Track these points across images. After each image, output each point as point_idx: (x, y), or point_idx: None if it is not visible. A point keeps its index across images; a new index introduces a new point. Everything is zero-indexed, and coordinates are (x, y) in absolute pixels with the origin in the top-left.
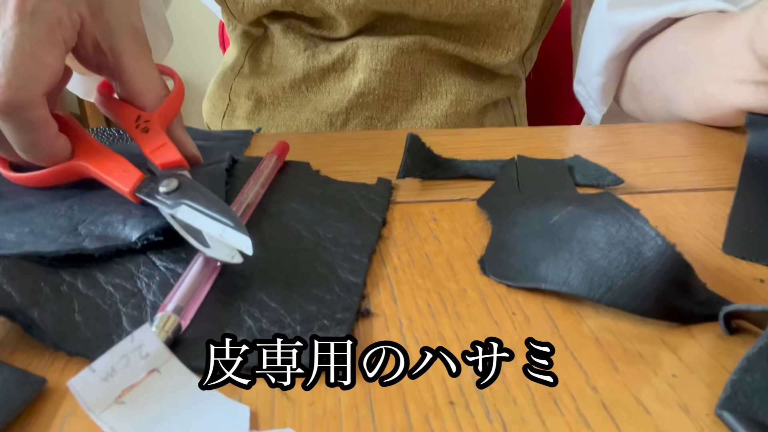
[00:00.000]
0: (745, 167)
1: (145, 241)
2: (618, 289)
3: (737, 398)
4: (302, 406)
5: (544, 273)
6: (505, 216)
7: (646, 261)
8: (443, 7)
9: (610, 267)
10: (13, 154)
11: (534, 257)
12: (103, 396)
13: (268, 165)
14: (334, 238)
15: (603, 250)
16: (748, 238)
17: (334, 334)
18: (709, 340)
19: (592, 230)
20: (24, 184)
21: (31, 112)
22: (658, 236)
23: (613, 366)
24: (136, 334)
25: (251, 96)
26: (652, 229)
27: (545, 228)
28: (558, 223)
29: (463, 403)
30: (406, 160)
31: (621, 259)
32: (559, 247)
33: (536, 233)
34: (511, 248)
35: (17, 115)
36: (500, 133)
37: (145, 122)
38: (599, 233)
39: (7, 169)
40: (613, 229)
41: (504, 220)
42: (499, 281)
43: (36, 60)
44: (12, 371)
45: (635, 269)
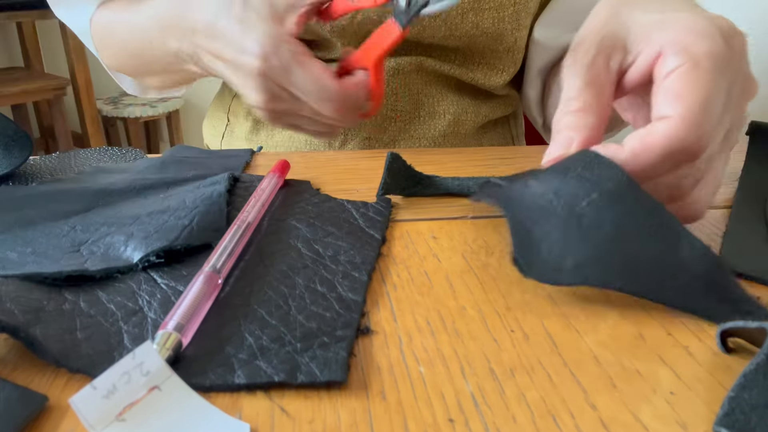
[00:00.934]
0: (741, 185)
1: (146, 262)
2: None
3: (735, 415)
4: (302, 423)
5: (586, 271)
6: (512, 199)
7: (688, 261)
8: (437, 29)
9: (654, 267)
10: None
11: (569, 250)
12: (105, 413)
13: (269, 183)
14: (334, 255)
15: (644, 249)
16: (744, 257)
17: (334, 352)
18: (706, 358)
19: (627, 229)
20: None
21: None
22: (696, 240)
23: (612, 383)
24: (138, 351)
25: (249, 116)
26: (684, 228)
27: (569, 215)
28: (584, 214)
29: (463, 421)
30: (386, 178)
31: (664, 259)
32: (596, 243)
33: (560, 219)
34: (538, 239)
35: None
36: (499, 152)
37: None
38: (636, 233)
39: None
40: (651, 230)
41: (512, 203)
42: (544, 281)
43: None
44: (14, 388)
45: (679, 270)
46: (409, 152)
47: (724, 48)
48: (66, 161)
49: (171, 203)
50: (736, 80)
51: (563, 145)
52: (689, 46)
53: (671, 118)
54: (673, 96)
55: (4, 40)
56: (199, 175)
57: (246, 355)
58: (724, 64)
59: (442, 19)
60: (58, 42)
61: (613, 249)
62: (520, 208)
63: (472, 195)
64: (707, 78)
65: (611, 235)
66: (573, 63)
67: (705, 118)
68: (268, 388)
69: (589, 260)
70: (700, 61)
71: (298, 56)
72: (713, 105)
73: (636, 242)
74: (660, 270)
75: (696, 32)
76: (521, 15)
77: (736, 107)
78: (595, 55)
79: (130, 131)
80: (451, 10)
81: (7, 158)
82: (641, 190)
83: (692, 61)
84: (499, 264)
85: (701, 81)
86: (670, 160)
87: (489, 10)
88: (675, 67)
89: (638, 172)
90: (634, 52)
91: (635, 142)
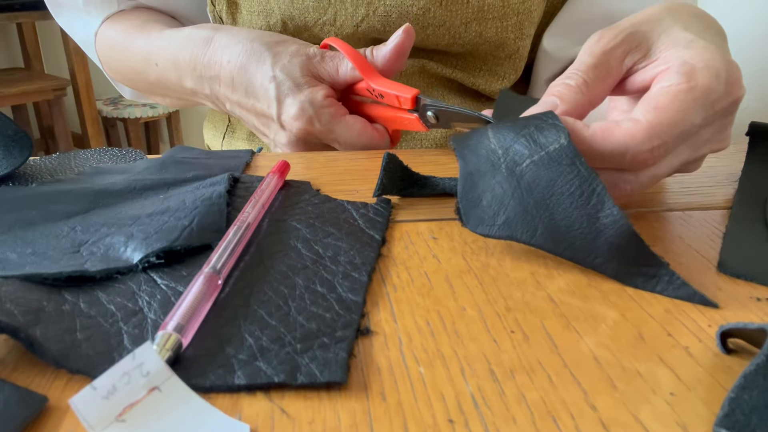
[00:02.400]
0: (741, 186)
1: (147, 263)
2: (576, 247)
3: (735, 416)
4: (302, 424)
5: (515, 227)
6: (469, 147)
7: (602, 227)
8: (441, 36)
9: (572, 228)
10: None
11: (504, 207)
12: (104, 414)
13: (269, 184)
14: (333, 256)
15: (566, 210)
16: (745, 258)
17: (334, 353)
18: (706, 359)
19: (556, 190)
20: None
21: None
22: (614, 207)
23: (612, 384)
24: (137, 352)
25: None
26: (610, 199)
27: (510, 173)
28: (523, 174)
29: (463, 422)
30: (383, 179)
31: (582, 222)
32: (528, 201)
33: (502, 176)
34: (480, 191)
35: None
36: None
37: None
38: (563, 196)
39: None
40: (576, 193)
41: (468, 152)
42: (477, 232)
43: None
44: (13, 389)
45: (592, 232)
46: (409, 153)
47: (722, 90)
48: (66, 162)
49: (171, 204)
50: (713, 123)
51: (543, 109)
52: (694, 72)
53: (640, 122)
54: (654, 105)
55: (4, 41)
56: (198, 176)
57: (246, 356)
58: (712, 103)
59: (445, 28)
60: (58, 43)
61: (542, 209)
62: (473, 158)
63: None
64: (692, 105)
65: (543, 195)
66: (595, 42)
67: (668, 136)
68: (268, 389)
69: (518, 217)
70: (695, 88)
71: (338, 117)
72: (681, 129)
73: (564, 205)
74: (581, 233)
75: (709, 64)
76: (524, 24)
77: (698, 146)
78: (617, 44)
79: (130, 132)
80: (455, 19)
81: (7, 158)
82: (580, 156)
83: (688, 86)
84: (499, 265)
85: (685, 104)
86: (618, 157)
87: (492, 20)
88: (672, 83)
89: (586, 154)
90: (653, 58)
91: (598, 128)
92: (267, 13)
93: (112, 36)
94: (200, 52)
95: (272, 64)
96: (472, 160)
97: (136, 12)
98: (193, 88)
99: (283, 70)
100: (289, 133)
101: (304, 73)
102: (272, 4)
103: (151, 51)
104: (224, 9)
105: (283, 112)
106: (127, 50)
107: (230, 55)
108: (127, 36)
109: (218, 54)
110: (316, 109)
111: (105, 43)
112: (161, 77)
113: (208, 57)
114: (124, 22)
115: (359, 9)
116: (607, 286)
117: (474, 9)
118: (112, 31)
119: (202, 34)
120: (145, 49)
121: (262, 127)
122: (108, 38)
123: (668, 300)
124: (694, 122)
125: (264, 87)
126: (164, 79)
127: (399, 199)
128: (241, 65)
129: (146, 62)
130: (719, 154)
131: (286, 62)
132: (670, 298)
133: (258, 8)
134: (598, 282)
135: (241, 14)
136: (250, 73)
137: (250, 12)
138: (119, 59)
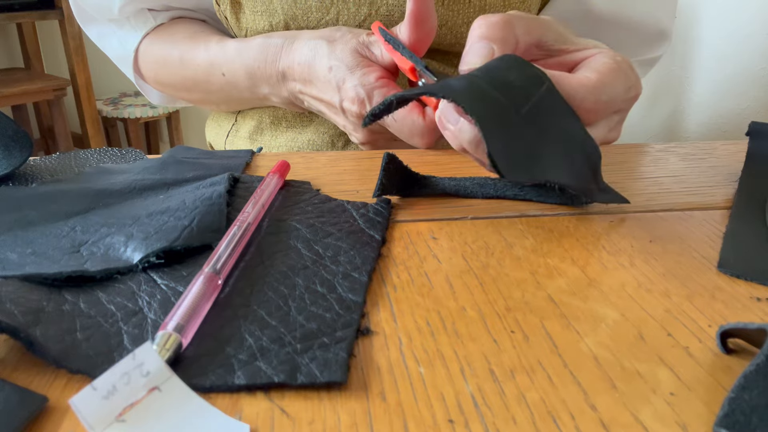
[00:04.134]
0: (741, 186)
1: (147, 263)
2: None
3: (735, 416)
4: (302, 424)
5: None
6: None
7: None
8: (443, 36)
9: (575, 162)
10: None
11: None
12: (104, 414)
13: (269, 184)
14: (333, 256)
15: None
16: (744, 257)
17: (334, 353)
18: (706, 359)
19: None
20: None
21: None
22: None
23: (612, 384)
24: (138, 352)
25: (254, 116)
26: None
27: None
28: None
29: (463, 422)
30: (382, 179)
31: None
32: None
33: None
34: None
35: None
36: None
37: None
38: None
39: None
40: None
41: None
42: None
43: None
44: (13, 389)
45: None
46: (409, 152)
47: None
48: (66, 162)
49: (171, 204)
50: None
51: (484, 56)
52: (618, 59)
53: (589, 77)
54: (596, 70)
55: (4, 41)
56: (198, 176)
57: (246, 356)
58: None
59: (448, 28)
60: (58, 43)
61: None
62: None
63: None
64: (621, 79)
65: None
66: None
67: (608, 96)
68: (268, 389)
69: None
70: (621, 70)
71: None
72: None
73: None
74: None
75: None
76: None
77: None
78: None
79: (130, 132)
80: (457, 18)
81: (7, 158)
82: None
83: (617, 65)
84: (499, 264)
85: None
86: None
87: None
88: (604, 62)
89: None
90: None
91: (556, 74)
92: (270, 13)
93: (160, 51)
94: (276, 59)
95: (328, 54)
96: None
97: (179, 24)
98: (268, 93)
99: (337, 58)
100: (351, 118)
101: (355, 56)
102: (275, 4)
103: (214, 62)
104: (228, 8)
105: (344, 97)
106: (182, 63)
107: (300, 57)
108: (180, 50)
109: (290, 58)
110: (367, 90)
111: (151, 58)
112: (227, 85)
113: (283, 63)
114: (170, 35)
115: (362, 9)
116: (607, 286)
117: (476, 8)
118: (160, 45)
119: (275, 42)
120: (208, 61)
121: (335, 116)
122: (155, 53)
123: (668, 300)
124: (619, 94)
125: (326, 78)
126: (231, 87)
127: (399, 199)
128: (308, 63)
129: (209, 72)
130: (719, 154)
131: (338, 50)
132: (670, 298)
133: (261, 8)
134: (598, 282)
135: (244, 14)
136: (315, 68)
137: (253, 12)
138: (173, 72)
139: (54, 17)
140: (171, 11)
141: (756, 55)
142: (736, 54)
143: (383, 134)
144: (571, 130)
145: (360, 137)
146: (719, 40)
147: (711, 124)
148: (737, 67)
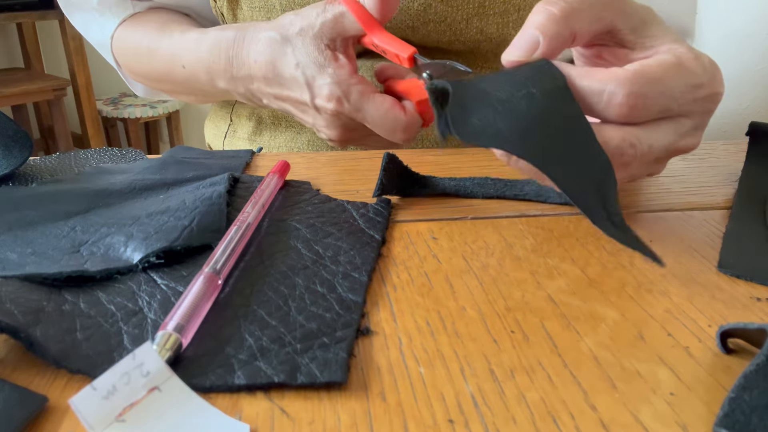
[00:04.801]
0: (741, 186)
1: (147, 263)
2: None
3: (735, 416)
4: (302, 424)
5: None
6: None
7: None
8: (442, 33)
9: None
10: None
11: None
12: (104, 414)
13: (269, 184)
14: (333, 256)
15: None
16: (744, 258)
17: (334, 352)
18: (706, 359)
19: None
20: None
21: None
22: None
23: (612, 384)
24: (138, 352)
25: (252, 117)
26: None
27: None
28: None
29: (463, 422)
30: (382, 179)
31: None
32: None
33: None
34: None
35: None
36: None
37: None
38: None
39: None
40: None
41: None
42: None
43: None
44: (14, 389)
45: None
46: (409, 152)
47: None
48: (66, 162)
49: (171, 204)
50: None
51: (527, 49)
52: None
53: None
54: (640, 63)
55: (4, 41)
56: (198, 176)
57: (246, 356)
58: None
59: (447, 24)
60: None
61: (534, 129)
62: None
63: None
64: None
65: (536, 119)
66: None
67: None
68: (268, 389)
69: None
70: (681, 65)
71: (367, 94)
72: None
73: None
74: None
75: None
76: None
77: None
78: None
79: (130, 132)
80: (456, 14)
81: (7, 158)
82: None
83: (677, 60)
84: (499, 264)
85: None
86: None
87: (493, 16)
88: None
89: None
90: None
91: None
92: (268, 8)
93: (131, 38)
94: (229, 55)
95: (292, 51)
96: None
97: (153, 13)
98: (226, 88)
99: (303, 54)
100: (324, 116)
101: (321, 48)
102: (273, 0)
103: (176, 53)
104: (225, 5)
105: (316, 95)
106: (149, 53)
107: (256, 54)
108: (148, 39)
109: (245, 54)
110: (343, 87)
111: (124, 45)
112: (189, 78)
113: (237, 59)
114: (142, 24)
115: None
116: (607, 286)
117: (475, 4)
118: (131, 33)
119: (228, 35)
120: (170, 52)
121: (302, 114)
122: (127, 41)
123: (668, 300)
124: (674, 91)
125: (293, 76)
126: (193, 80)
127: (399, 199)
128: (268, 60)
129: (171, 64)
130: (719, 154)
131: (300, 45)
132: (670, 298)
133: (259, 4)
134: (598, 282)
135: (241, 10)
136: (278, 66)
137: (251, 8)
138: (142, 62)
139: (54, 17)
140: (152, 1)
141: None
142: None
143: (357, 131)
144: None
145: (333, 134)
146: (719, 40)
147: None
148: (737, 67)
